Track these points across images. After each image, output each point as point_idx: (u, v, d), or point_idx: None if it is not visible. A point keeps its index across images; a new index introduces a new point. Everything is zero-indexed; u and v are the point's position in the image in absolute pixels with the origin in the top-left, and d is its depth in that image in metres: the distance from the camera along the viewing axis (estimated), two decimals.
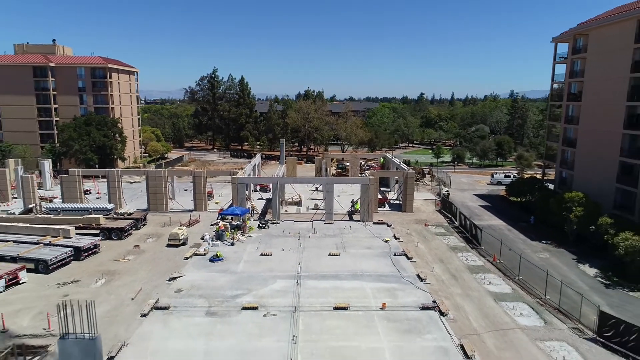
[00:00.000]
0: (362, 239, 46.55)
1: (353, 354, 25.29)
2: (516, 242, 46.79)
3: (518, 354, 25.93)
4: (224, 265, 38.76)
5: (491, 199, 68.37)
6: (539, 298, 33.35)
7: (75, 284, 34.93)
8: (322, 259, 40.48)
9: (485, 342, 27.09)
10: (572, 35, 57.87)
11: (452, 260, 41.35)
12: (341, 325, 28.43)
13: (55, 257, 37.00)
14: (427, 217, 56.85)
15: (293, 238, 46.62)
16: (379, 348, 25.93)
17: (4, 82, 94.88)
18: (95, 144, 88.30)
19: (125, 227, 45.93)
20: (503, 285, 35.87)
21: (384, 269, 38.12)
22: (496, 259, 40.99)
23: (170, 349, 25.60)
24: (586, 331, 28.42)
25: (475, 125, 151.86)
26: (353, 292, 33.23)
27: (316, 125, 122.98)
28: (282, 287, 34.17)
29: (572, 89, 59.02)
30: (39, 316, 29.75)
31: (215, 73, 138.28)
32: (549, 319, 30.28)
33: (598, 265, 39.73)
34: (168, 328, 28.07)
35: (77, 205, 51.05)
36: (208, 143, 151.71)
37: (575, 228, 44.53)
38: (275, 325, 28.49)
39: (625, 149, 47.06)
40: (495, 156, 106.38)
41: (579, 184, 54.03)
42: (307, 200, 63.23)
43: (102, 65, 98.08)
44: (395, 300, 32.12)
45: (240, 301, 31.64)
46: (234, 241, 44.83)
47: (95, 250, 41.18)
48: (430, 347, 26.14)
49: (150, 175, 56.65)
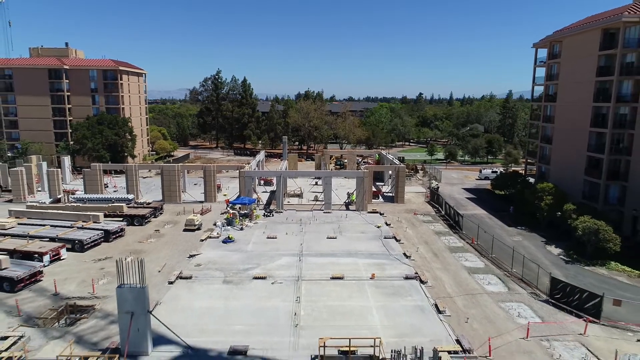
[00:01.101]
0: (356, 225, 52.16)
1: (346, 310, 30.86)
2: (495, 228, 52.38)
3: (482, 310, 31.54)
4: (235, 246, 44.36)
5: (477, 192, 73.98)
6: (506, 271, 38.97)
7: (108, 260, 40.52)
8: (321, 241, 46.08)
9: (456, 303, 32.70)
10: (549, 42, 63.48)
11: (435, 242, 46.98)
12: (336, 290, 34.03)
13: (90, 238, 42.63)
14: (416, 207, 62.44)
15: (295, 224, 52.21)
16: (368, 306, 31.51)
17: (21, 83, 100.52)
18: (107, 142, 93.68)
19: (146, 215, 51.56)
20: (477, 262, 41.49)
21: (375, 249, 43.71)
22: (474, 241, 46.59)
23: (196, 307, 31.17)
24: (541, 295, 34.05)
25: (470, 125, 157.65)
26: (347, 267, 38.81)
27: (316, 124, 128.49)
28: (287, 263, 39.76)
29: (550, 90, 64.63)
30: (83, 283, 35.35)
31: (219, 74, 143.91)
32: (512, 286, 35.92)
33: (563, 246, 45.35)
34: (192, 292, 33.66)
35: (101, 196, 56.70)
36: (212, 142, 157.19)
37: (546, 215, 50.14)
38: (281, 290, 34.09)
39: (592, 145, 52.68)
40: (486, 154, 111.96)
41: (554, 177, 59.70)
42: (308, 193, 68.85)
43: (113, 67, 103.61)
44: (383, 272, 37.72)
45: (251, 273, 37.24)
46: (242, 227, 50.45)
47: (122, 233, 46.80)
48: (410, 305, 31.74)
49: (165, 169, 62.25)
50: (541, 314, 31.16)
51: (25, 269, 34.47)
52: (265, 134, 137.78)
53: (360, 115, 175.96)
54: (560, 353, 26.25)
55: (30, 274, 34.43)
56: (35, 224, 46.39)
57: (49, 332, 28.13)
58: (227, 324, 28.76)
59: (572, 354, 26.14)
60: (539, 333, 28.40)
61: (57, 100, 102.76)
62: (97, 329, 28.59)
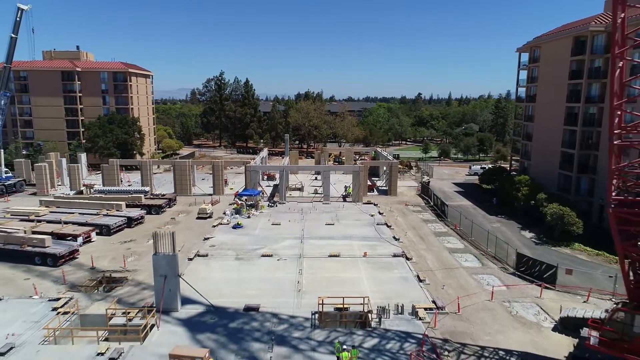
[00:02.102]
0: (352, 214, 57.65)
1: (340, 280, 36.30)
2: (477, 216, 57.86)
3: (457, 280, 37.04)
4: (244, 231, 49.84)
5: (466, 186, 79.48)
6: (482, 251, 44.47)
7: (133, 242, 46.01)
8: (320, 227, 51.57)
9: (435, 275, 38.18)
10: (530, 47, 69.03)
11: (422, 228, 52.48)
12: (333, 265, 39.53)
13: (115, 224, 48.12)
14: (408, 199, 67.95)
15: (297, 213, 57.70)
16: (359, 277, 36.98)
17: (36, 85, 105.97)
18: (117, 141, 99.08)
19: (162, 205, 57.07)
20: (458, 244, 46.98)
21: (368, 233, 49.20)
22: (457, 227, 52.07)
23: (213, 277, 36.64)
24: (509, 269, 39.56)
25: (465, 124, 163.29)
26: (343, 247, 44.27)
27: (315, 123, 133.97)
28: (290, 244, 45.23)
29: (530, 92, 70.18)
30: (114, 260, 40.83)
31: (222, 75, 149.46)
32: (485, 262, 41.44)
33: (535, 231, 50.84)
34: (209, 267, 39.14)
35: (120, 188, 62.22)
36: (215, 141, 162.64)
37: (522, 204, 55.65)
38: (285, 265, 39.58)
39: (565, 142, 58.24)
40: (477, 151, 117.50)
41: (534, 171, 65.28)
42: (308, 187, 74.33)
43: (123, 69, 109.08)
44: (374, 251, 43.21)
45: (259, 252, 42.73)
46: (249, 215, 55.93)
47: (141, 220, 52.30)
48: (396, 276, 37.22)
49: (177, 164, 67.76)
50: (506, 282, 36.67)
51: (65, 247, 39.99)
52: (267, 133, 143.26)
53: (359, 115, 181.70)
54: (518, 310, 31.75)
55: (69, 252, 39.92)
56: (65, 212, 51.85)
57: (92, 296, 33.60)
58: (241, 290, 34.24)
59: (527, 311, 31.63)
60: (502, 296, 33.90)
61: (69, 101, 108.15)
62: (132, 293, 34.08)
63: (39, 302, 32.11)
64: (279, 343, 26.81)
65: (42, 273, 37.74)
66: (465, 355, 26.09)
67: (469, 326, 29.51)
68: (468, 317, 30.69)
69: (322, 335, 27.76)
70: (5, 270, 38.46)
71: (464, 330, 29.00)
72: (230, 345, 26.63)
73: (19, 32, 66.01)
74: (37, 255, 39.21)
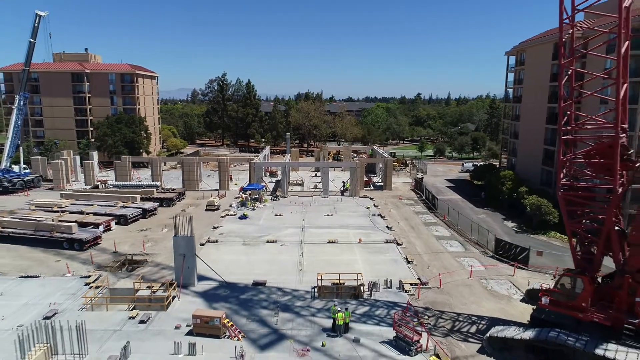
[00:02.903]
0: (349, 207, 62.09)
1: (337, 261, 40.67)
2: (465, 209, 62.30)
3: (441, 262, 41.48)
4: (250, 221, 54.27)
5: (458, 182, 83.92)
6: (467, 238, 48.92)
7: (148, 231, 50.45)
8: (320, 217, 56.01)
9: (422, 257, 42.63)
10: (516, 51, 73.47)
11: (414, 219, 56.93)
12: (331, 250, 43.98)
13: (132, 214, 52.58)
14: (402, 193, 72.40)
15: (298, 206, 62.13)
16: (355, 259, 41.40)
17: (47, 86, 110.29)
18: (125, 140, 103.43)
19: (173, 198, 61.52)
20: (445, 232, 51.43)
21: (363, 223, 53.65)
22: (446, 218, 56.51)
23: (224, 259, 41.05)
24: (489, 253, 44.04)
25: (461, 124, 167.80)
26: (340, 234, 48.70)
27: (315, 123, 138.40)
28: (292, 232, 49.67)
29: (517, 93, 74.63)
30: (133, 246, 45.26)
31: (224, 76, 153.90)
32: (468, 248, 45.89)
33: (517, 221, 55.29)
34: (220, 250, 43.59)
35: (134, 183, 66.67)
36: (217, 140, 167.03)
37: (506, 197, 60.09)
38: (288, 249, 44.02)
39: (547, 139, 62.63)
40: (471, 150, 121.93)
41: (520, 167, 69.71)
42: (308, 183, 78.78)
43: (130, 71, 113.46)
44: (368, 238, 47.66)
45: (264, 238, 47.17)
46: (254, 207, 60.37)
47: (155, 212, 56.75)
48: (387, 259, 41.65)
49: (185, 161, 72.20)
50: (485, 263, 41.14)
51: (90, 234, 44.44)
52: (268, 132, 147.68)
53: (358, 114, 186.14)
54: (492, 286, 36.21)
55: (94, 237, 44.38)
56: (84, 204, 56.25)
57: (117, 274, 38.01)
58: (249, 269, 38.69)
59: (500, 287, 36.09)
60: (480, 275, 38.36)
61: (79, 101, 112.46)
62: (153, 272, 38.53)
63: (72, 279, 36.58)
64: (283, 310, 31.26)
65: (70, 256, 42.17)
66: (442, 320, 30.55)
67: (448, 298, 33.97)
68: (448, 291, 35.14)
69: (320, 304, 32.21)
70: (37, 253, 42.91)
71: (443, 301, 33.46)
72: (242, 311, 31.08)
73: (37, 37, 70.51)
74: (65, 241, 43.65)
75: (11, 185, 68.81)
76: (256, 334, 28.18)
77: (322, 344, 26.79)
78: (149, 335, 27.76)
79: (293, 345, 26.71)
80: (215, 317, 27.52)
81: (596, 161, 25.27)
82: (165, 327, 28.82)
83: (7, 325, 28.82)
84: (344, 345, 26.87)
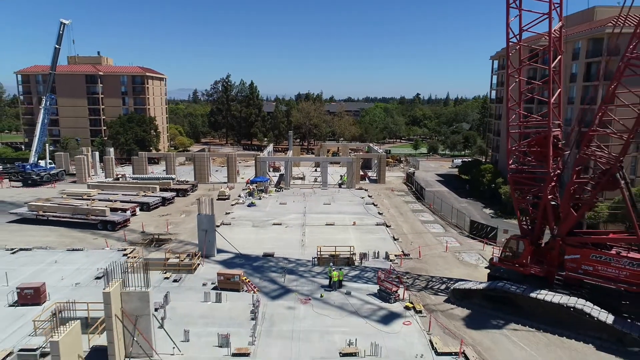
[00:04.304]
0: (346, 197, 69.08)
1: (334, 239, 47.45)
2: (450, 199, 69.30)
3: (423, 240, 48.45)
4: (257, 208, 61.28)
5: (447, 176, 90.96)
6: (448, 222, 55.91)
7: (169, 215, 57.43)
8: (319, 205, 63.00)
9: (407, 236, 49.61)
10: (499, 56, 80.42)
11: (403, 207, 63.92)
12: (329, 230, 50.95)
13: (153, 202, 59.60)
14: (394, 186, 79.39)
15: (300, 196, 69.11)
16: (349, 237, 48.34)
17: (62, 87, 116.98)
18: (136, 138, 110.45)
19: (187, 189, 68.54)
20: (430, 217, 58.42)
21: (358, 210, 60.64)
22: (431, 206, 63.49)
23: (237, 237, 47.92)
24: (465, 233, 51.01)
25: (456, 124, 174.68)
26: (337, 219, 55.67)
27: (315, 122, 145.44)
28: (295, 217, 56.65)
29: (500, 94, 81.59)
30: (157, 227, 52.22)
31: (228, 78, 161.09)
32: (448, 229, 52.88)
33: (495, 209, 62.30)
34: (233, 231, 50.53)
35: (152, 175, 73.71)
36: (221, 139, 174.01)
37: (486, 187, 67.10)
38: (292, 230, 51.00)
39: None
40: (463, 147, 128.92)
41: (501, 162, 76.56)
42: (309, 177, 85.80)
43: (141, 73, 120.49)
44: (361, 221, 54.64)
45: (270, 222, 54.16)
46: (260, 197, 67.38)
47: (173, 200, 63.78)
48: (377, 237, 48.61)
49: (197, 156, 79.21)
50: (460, 241, 48.15)
51: (121, 216, 51.46)
52: (270, 131, 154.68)
53: (356, 114, 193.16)
54: (464, 257, 43.20)
55: (124, 220, 51.40)
56: (109, 194, 63.24)
57: (148, 249, 44.98)
58: (259, 245, 45.65)
59: (470, 258, 43.08)
60: (455, 250, 45.36)
61: (92, 102, 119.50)
62: (178, 247, 45.48)
63: (111, 251, 43.60)
64: (289, 273, 38.21)
65: (105, 235, 49.17)
66: (418, 281, 37.53)
67: (426, 266, 40.97)
68: (426, 261, 42.14)
69: (319, 269, 39.19)
70: (76, 233, 49.89)
71: (421, 267, 40.46)
72: (255, 274, 38.05)
73: (61, 43, 77.53)
74: (100, 223, 50.65)
75: (39, 178, 75.84)
76: (268, 289, 35.15)
77: (321, 295, 33.76)
78: (182, 290, 34.74)
79: (298, 296, 33.69)
80: (236, 274, 34.51)
81: (535, 150, 32.28)
82: (194, 284, 35.80)
83: (67, 283, 35.82)
84: (338, 296, 33.83)
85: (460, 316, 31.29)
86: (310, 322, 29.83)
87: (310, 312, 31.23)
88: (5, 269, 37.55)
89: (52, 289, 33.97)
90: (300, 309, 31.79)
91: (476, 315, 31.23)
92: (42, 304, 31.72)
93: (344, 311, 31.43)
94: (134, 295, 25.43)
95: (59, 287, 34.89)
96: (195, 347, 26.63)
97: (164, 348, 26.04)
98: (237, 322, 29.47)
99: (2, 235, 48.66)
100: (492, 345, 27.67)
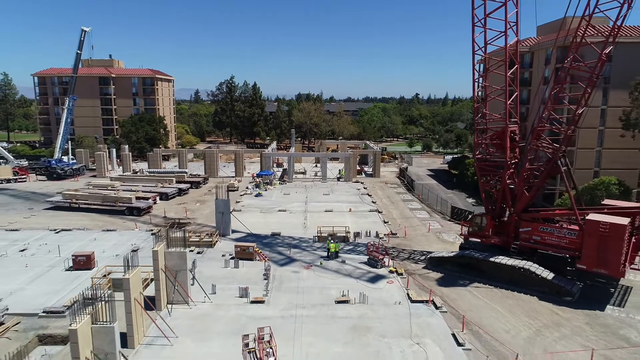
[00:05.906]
0: (343, 189, 76.20)
1: (332, 222, 54.49)
2: (438, 190, 76.36)
3: (410, 223, 55.54)
4: (264, 198, 68.40)
5: (437, 171, 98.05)
6: (433, 209, 62.99)
7: (185, 204, 64.51)
8: (319, 196, 70.12)
9: (396, 220, 56.69)
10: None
11: (395, 197, 71.02)
12: (328, 215, 58.05)
13: (171, 192, 66.71)
14: (388, 180, 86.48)
15: (302, 188, 76.23)
16: (345, 221, 55.30)
17: (78, 89, 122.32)
18: (146, 136, 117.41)
19: (199, 182, 75.68)
20: (418, 205, 65.52)
21: (353, 199, 67.74)
22: (420, 196, 70.57)
23: (247, 221, 54.93)
24: (447, 217, 58.11)
25: (451, 123, 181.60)
26: (335, 206, 62.74)
27: (316, 122, 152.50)
28: (297, 205, 63.75)
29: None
30: (177, 213, 59.33)
31: (232, 79, 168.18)
32: (433, 215, 59.98)
33: (477, 199, 69.28)
34: (243, 216, 57.56)
35: (167, 169, 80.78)
36: (225, 137, 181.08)
37: (470, 180, 74.14)
38: (295, 215, 58.12)
39: None
40: (455, 145, 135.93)
41: None
42: (310, 171, 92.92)
43: (151, 75, 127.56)
44: (357, 208, 61.75)
45: (276, 209, 61.29)
46: (266, 189, 74.48)
47: (187, 191, 70.93)
48: (369, 221, 55.69)
49: (207, 152, 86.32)
50: (442, 224, 55.25)
51: (145, 203, 58.57)
52: (272, 130, 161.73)
53: (355, 114, 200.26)
54: (443, 236, 50.30)
55: (147, 206, 58.52)
56: (131, 185, 70.34)
57: (171, 231, 51.95)
58: (267, 226, 52.75)
59: (449, 237, 50.15)
60: (437, 230, 52.45)
61: (105, 102, 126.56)
62: (197, 229, 52.57)
63: (140, 232, 50.73)
64: (294, 247, 45.32)
65: (132, 219, 56.26)
66: (402, 253, 44.60)
67: (410, 242, 48.06)
68: (410, 239, 49.23)
69: (319, 245, 46.28)
70: (106, 218, 56.99)
71: (406, 244, 47.55)
72: (265, 249, 45.12)
73: (82, 49, 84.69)
74: (126, 209, 57.75)
75: (63, 172, 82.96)
76: (276, 259, 42.24)
77: (320, 263, 40.85)
78: (205, 259, 41.85)
79: (301, 263, 40.78)
80: (250, 246, 41.63)
81: (496, 142, 39.36)
82: (215, 255, 42.93)
83: (108, 254, 42.92)
84: (334, 264, 40.91)
85: (434, 278, 38.38)
86: (312, 282, 36.91)
87: (311, 275, 38.32)
88: (55, 244, 44.71)
89: (97, 258, 41.06)
90: (303, 272, 38.88)
91: (447, 277, 38.32)
92: (92, 268, 38.84)
93: (339, 274, 38.52)
94: (174, 254, 32.54)
95: (102, 257, 41.96)
96: (221, 297, 33.73)
97: (197, 298, 33.15)
98: (252, 281, 36.54)
99: (43, 219, 55.80)
100: (457, 297, 34.75)
